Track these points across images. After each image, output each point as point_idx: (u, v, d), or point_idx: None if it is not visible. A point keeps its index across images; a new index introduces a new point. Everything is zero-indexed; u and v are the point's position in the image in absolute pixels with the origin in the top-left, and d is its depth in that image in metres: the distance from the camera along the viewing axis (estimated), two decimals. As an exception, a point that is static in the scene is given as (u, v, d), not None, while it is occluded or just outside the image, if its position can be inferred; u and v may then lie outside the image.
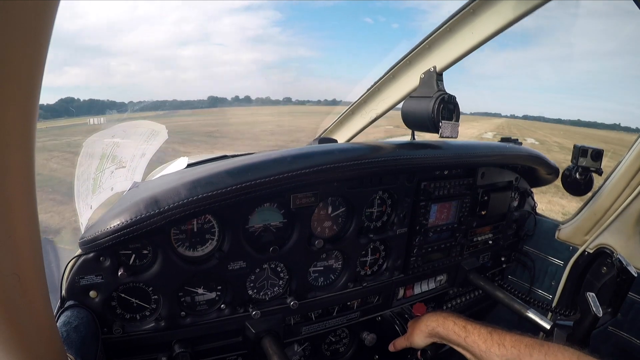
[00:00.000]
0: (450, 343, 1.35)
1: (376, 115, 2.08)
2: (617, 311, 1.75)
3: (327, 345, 1.68)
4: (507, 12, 1.31)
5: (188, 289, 1.23)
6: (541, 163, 1.94)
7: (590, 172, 1.88)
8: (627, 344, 1.82)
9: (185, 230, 1.17)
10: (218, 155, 1.83)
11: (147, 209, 1.01)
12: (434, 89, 1.46)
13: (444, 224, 1.73)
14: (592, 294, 1.27)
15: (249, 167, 1.11)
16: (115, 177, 1.24)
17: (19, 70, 0.43)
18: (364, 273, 1.60)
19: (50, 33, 0.44)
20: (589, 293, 1.28)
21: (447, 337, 1.34)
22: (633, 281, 1.62)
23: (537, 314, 1.54)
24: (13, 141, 0.46)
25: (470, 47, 1.44)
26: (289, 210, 1.30)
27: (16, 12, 0.39)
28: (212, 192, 1.04)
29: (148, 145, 1.29)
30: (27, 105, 0.46)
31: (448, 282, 1.90)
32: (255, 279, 1.34)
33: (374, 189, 1.46)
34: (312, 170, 1.16)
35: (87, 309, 1.07)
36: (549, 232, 2.15)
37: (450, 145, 1.57)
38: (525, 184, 2.15)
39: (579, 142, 1.89)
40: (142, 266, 1.14)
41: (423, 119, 1.43)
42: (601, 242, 1.91)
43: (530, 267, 2.23)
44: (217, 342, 1.31)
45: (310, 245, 1.36)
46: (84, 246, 1.05)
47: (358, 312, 1.60)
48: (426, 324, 1.43)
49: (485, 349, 1.19)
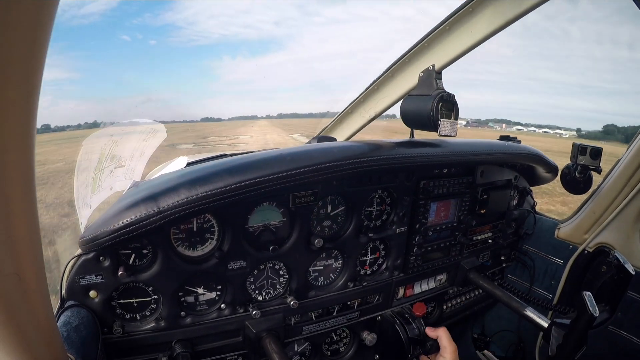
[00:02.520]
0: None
1: (375, 114, 2.08)
2: (615, 310, 1.75)
3: (327, 345, 1.68)
4: (506, 11, 1.31)
5: (188, 288, 1.23)
6: (540, 161, 1.94)
7: (590, 171, 1.88)
8: (627, 344, 1.82)
9: (185, 230, 1.17)
10: (217, 154, 1.83)
11: (146, 209, 1.00)
12: (433, 88, 1.46)
13: (444, 223, 1.73)
14: (589, 293, 1.27)
15: (248, 165, 1.11)
16: (114, 176, 1.24)
17: (19, 71, 0.43)
18: (363, 272, 1.60)
19: (50, 33, 0.44)
20: (586, 292, 1.27)
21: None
22: (630, 279, 1.62)
23: (535, 313, 1.55)
24: (13, 142, 0.46)
25: (469, 45, 1.44)
26: (288, 209, 1.30)
27: (16, 12, 0.39)
28: (211, 191, 1.03)
29: (147, 144, 1.29)
30: (27, 106, 0.46)
31: (448, 282, 1.90)
32: (255, 278, 1.34)
33: (373, 187, 1.46)
34: (312, 169, 1.16)
35: (87, 309, 1.07)
36: (549, 231, 2.16)
37: (449, 144, 1.57)
38: (525, 182, 2.15)
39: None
40: (142, 266, 1.14)
41: (422, 118, 1.43)
42: (601, 240, 1.92)
43: (530, 266, 2.23)
44: (217, 342, 1.31)
45: (309, 245, 1.36)
46: (83, 246, 1.05)
47: (358, 311, 1.60)
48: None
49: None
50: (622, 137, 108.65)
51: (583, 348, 1.32)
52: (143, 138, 1.29)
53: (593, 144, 1.86)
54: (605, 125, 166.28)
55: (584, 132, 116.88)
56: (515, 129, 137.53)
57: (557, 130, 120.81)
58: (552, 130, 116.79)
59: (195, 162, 1.47)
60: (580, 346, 1.30)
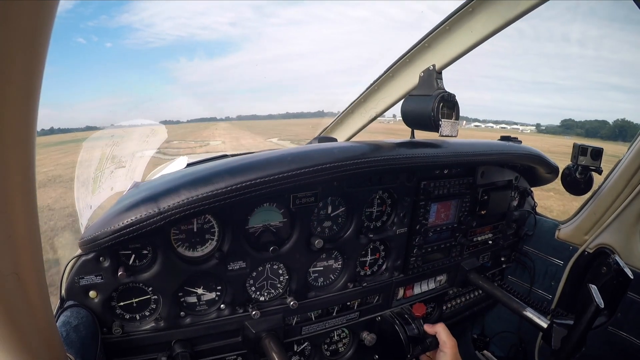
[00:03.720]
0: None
1: (376, 114, 2.08)
2: (615, 311, 1.75)
3: (327, 345, 1.68)
4: (506, 11, 1.31)
5: (188, 289, 1.23)
6: (541, 162, 1.94)
7: (590, 171, 1.88)
8: (627, 344, 1.81)
9: (185, 230, 1.17)
10: (218, 155, 1.84)
11: (146, 209, 1.00)
12: (434, 88, 1.46)
13: (444, 224, 1.73)
14: (594, 286, 1.26)
15: (248, 166, 1.11)
16: (115, 177, 1.24)
17: (19, 70, 0.43)
18: (363, 273, 1.59)
19: (50, 33, 0.44)
20: (592, 285, 1.27)
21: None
22: (629, 283, 1.62)
23: (535, 313, 1.55)
24: (13, 141, 0.46)
25: (470, 45, 1.44)
26: (288, 209, 1.29)
27: (16, 12, 0.39)
28: (211, 192, 1.03)
29: (147, 145, 1.29)
30: (27, 106, 0.46)
31: (448, 282, 1.90)
32: (255, 279, 1.34)
33: (373, 188, 1.46)
34: (312, 170, 1.16)
35: (87, 309, 1.07)
36: (549, 232, 2.15)
37: (449, 144, 1.57)
38: (525, 183, 2.15)
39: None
40: (141, 266, 1.14)
41: (423, 118, 1.43)
42: (601, 241, 1.91)
43: (530, 267, 2.23)
44: (216, 342, 1.31)
45: (309, 245, 1.36)
46: (83, 246, 1.05)
47: (358, 312, 1.60)
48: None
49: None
50: (581, 131, 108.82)
51: (582, 348, 1.31)
52: (144, 139, 1.30)
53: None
54: (564, 120, 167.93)
55: (543, 127, 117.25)
56: (473, 125, 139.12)
57: (514, 126, 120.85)
58: (510, 126, 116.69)
59: (196, 162, 1.47)
60: (583, 342, 1.29)
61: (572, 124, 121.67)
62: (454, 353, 1.44)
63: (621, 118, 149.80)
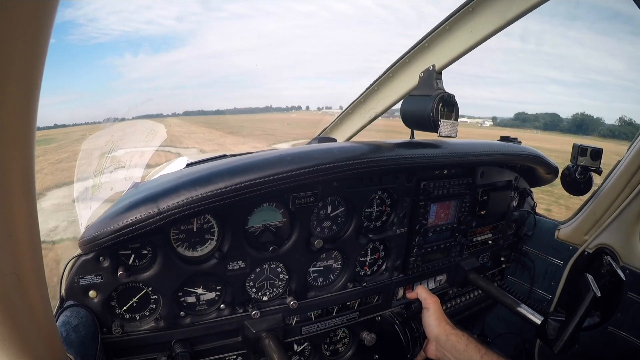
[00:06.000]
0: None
1: (375, 114, 2.08)
2: (614, 311, 1.75)
3: (327, 345, 1.68)
4: (506, 11, 1.31)
5: (187, 289, 1.23)
6: (540, 162, 1.94)
7: (590, 172, 1.88)
8: (627, 344, 1.81)
9: (185, 230, 1.17)
10: (217, 155, 1.83)
11: (146, 210, 1.00)
12: (434, 88, 1.46)
13: (444, 224, 1.73)
14: (591, 276, 1.30)
15: (248, 166, 1.11)
16: (114, 177, 1.24)
17: (19, 70, 0.43)
18: (363, 273, 1.60)
19: (50, 33, 0.44)
20: (588, 275, 1.30)
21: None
22: (622, 284, 1.63)
23: (529, 310, 1.56)
24: (13, 141, 0.46)
25: (470, 45, 1.44)
26: (288, 209, 1.30)
27: (16, 12, 0.39)
28: (211, 192, 1.04)
29: (147, 144, 1.29)
30: (27, 105, 0.46)
31: (448, 282, 1.90)
32: (255, 279, 1.34)
33: (373, 188, 1.46)
34: (312, 170, 1.16)
35: (87, 308, 1.07)
36: (549, 232, 2.15)
37: (449, 144, 1.57)
38: (525, 183, 2.15)
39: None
40: (141, 266, 1.14)
41: (422, 118, 1.43)
42: (601, 241, 1.91)
43: (530, 267, 2.23)
44: (216, 342, 1.31)
45: (309, 245, 1.36)
46: (83, 246, 1.05)
47: (357, 312, 1.60)
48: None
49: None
50: (539, 124, 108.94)
51: (578, 339, 1.33)
52: (143, 139, 1.30)
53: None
54: (517, 113, 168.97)
55: (499, 120, 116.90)
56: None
57: (476, 120, 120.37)
58: (469, 120, 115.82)
59: (196, 162, 1.47)
60: (578, 330, 1.31)
61: (526, 117, 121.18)
62: (437, 307, 1.54)
63: (581, 112, 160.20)
